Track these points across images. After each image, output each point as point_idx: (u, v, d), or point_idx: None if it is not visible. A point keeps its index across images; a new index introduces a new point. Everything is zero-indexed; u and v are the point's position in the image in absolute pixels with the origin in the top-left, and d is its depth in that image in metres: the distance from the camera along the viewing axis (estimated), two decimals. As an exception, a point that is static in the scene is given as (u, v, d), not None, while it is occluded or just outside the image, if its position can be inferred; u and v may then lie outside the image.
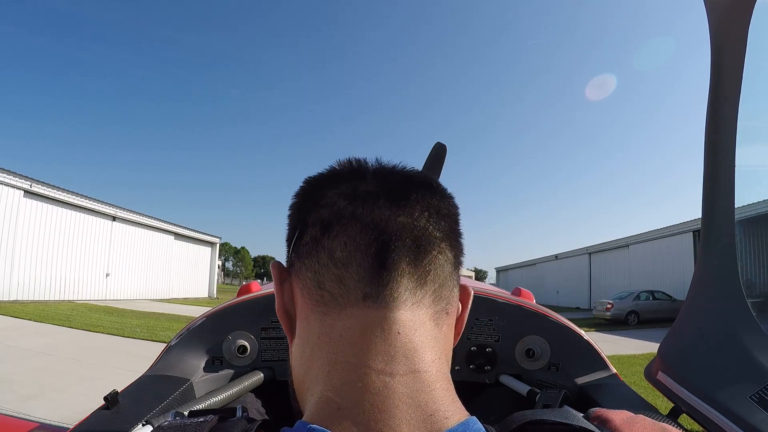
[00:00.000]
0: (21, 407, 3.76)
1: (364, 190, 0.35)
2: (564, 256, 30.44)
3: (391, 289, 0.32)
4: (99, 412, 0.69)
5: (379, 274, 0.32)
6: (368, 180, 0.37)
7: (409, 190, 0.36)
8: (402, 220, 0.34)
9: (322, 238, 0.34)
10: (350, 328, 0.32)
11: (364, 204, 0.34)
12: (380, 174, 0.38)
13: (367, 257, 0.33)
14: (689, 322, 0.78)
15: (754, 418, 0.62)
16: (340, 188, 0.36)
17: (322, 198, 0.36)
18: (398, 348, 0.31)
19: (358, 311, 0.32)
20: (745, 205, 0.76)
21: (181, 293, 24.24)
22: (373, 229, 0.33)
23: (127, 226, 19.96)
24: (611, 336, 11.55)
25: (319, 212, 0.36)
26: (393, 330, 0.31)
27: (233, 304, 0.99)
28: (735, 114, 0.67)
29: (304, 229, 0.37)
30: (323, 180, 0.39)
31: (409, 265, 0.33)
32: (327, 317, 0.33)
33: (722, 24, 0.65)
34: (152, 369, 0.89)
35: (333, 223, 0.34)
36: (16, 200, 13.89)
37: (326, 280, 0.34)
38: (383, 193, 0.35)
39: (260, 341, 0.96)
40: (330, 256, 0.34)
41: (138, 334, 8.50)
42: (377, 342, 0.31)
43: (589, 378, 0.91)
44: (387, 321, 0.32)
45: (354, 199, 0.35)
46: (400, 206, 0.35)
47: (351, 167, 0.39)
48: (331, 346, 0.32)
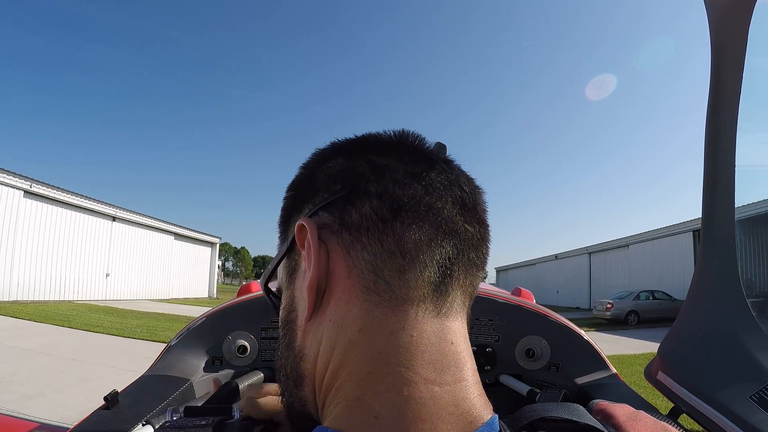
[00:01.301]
0: (21, 407, 3.76)
1: (438, 180, 0.33)
2: (564, 256, 30.43)
3: (450, 299, 0.31)
4: (99, 412, 0.68)
5: (443, 282, 0.31)
6: (438, 168, 0.34)
7: (475, 197, 0.35)
8: (471, 231, 0.33)
9: (394, 221, 0.31)
10: (404, 329, 0.29)
11: (440, 198, 0.32)
12: (449, 165, 0.35)
13: (433, 261, 0.30)
14: (689, 322, 0.78)
15: (754, 418, 0.62)
16: (407, 165, 0.33)
17: (388, 169, 0.33)
18: (450, 358, 0.29)
19: (415, 313, 0.30)
20: (745, 205, 0.76)
21: (181, 293, 24.23)
22: (447, 234, 0.31)
23: (127, 226, 19.95)
24: (611, 336, 11.54)
25: (388, 186, 0.32)
26: (447, 339, 0.30)
27: (233, 304, 0.99)
28: (735, 114, 0.67)
29: (360, 196, 0.32)
30: (386, 145, 0.36)
31: (465, 278, 0.32)
32: (376, 309, 0.30)
33: (722, 24, 0.65)
34: (152, 369, 0.89)
35: (407, 208, 0.31)
36: (16, 200, 13.88)
37: (386, 268, 0.30)
38: (455, 191, 0.33)
39: (260, 341, 0.96)
40: (398, 244, 0.30)
41: (138, 334, 8.50)
42: (432, 350, 0.29)
43: (589, 378, 0.91)
44: (443, 330, 0.30)
45: (429, 186, 0.32)
46: (468, 213, 0.33)
47: (415, 143, 0.36)
48: (376, 344, 0.29)
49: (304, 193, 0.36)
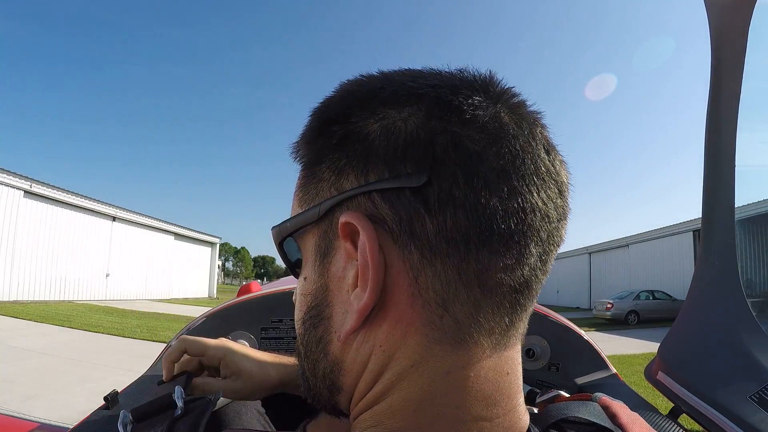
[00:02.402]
0: (21, 407, 3.76)
1: (538, 179, 0.25)
2: (564, 256, 30.41)
3: (516, 328, 0.27)
4: (99, 412, 0.68)
5: (516, 312, 0.26)
6: (539, 152, 0.26)
7: (566, 188, 0.28)
8: (556, 246, 0.27)
9: (480, 249, 0.24)
10: (462, 368, 0.25)
11: (538, 212, 0.25)
12: (548, 142, 0.27)
13: (512, 291, 0.25)
14: (689, 322, 0.78)
15: (754, 418, 0.62)
16: (503, 151, 0.24)
17: (482, 161, 0.24)
18: (504, 390, 0.26)
19: (478, 351, 0.25)
20: (745, 204, 0.76)
21: (181, 293, 24.22)
22: (533, 257, 0.25)
23: (127, 226, 19.94)
24: (611, 336, 11.54)
25: (480, 194, 0.23)
26: (504, 371, 0.27)
27: (233, 304, 0.99)
28: (735, 114, 0.67)
29: (439, 198, 0.24)
30: (477, 109, 0.25)
31: (534, 300, 0.28)
32: (437, 347, 0.25)
33: (722, 24, 0.65)
34: (152, 369, 0.89)
35: (500, 233, 0.24)
36: (16, 200, 13.88)
37: (458, 302, 0.25)
38: (552, 189, 0.26)
39: (260, 341, 0.96)
40: (479, 276, 0.24)
41: (138, 335, 8.49)
42: (487, 387, 0.26)
43: (589, 378, 0.91)
44: (502, 363, 0.26)
45: (529, 195, 0.24)
46: (560, 219, 0.27)
47: (511, 102, 0.27)
48: (429, 382, 0.25)
49: (347, 146, 0.27)
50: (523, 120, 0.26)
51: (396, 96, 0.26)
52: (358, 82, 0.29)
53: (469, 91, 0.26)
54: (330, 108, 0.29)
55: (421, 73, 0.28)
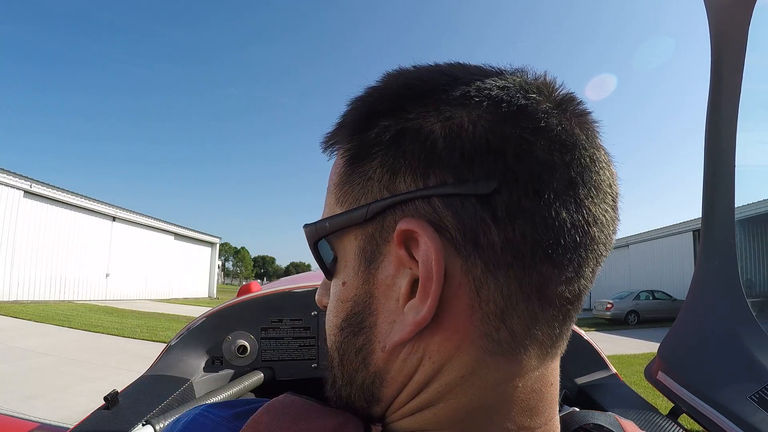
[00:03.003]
0: (21, 407, 3.76)
1: (599, 190, 0.25)
2: (564, 256, 30.39)
3: (566, 336, 0.26)
4: (99, 412, 0.69)
5: (564, 323, 0.26)
6: (599, 160, 0.25)
7: (615, 183, 0.27)
8: (604, 255, 0.26)
9: (544, 262, 0.23)
10: (511, 380, 0.25)
11: (599, 223, 0.24)
12: (601, 150, 0.26)
13: (564, 302, 0.25)
14: (689, 322, 0.78)
15: (754, 418, 0.62)
16: (570, 159, 0.24)
17: (552, 171, 0.23)
18: (547, 400, 0.26)
19: (527, 362, 0.25)
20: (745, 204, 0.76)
21: (181, 293, 24.23)
22: (587, 268, 0.25)
23: (127, 226, 19.94)
24: (611, 336, 11.54)
25: (550, 206, 0.23)
26: (548, 382, 0.26)
27: (233, 304, 0.99)
28: (735, 114, 0.67)
29: (507, 209, 0.23)
30: (545, 116, 0.24)
31: (580, 294, 0.26)
32: (489, 358, 0.24)
33: (722, 24, 0.65)
34: (152, 369, 0.89)
35: (565, 245, 0.23)
36: (16, 200, 13.88)
37: (516, 315, 0.24)
38: (609, 200, 0.25)
39: (260, 341, 0.96)
40: (540, 289, 0.24)
41: (138, 334, 8.50)
42: (532, 397, 0.25)
43: (589, 378, 0.91)
44: (546, 374, 0.26)
45: (591, 206, 0.24)
46: (612, 228, 0.26)
47: (575, 111, 0.26)
48: (477, 394, 0.24)
49: (403, 144, 0.25)
50: (588, 129, 0.26)
51: (465, 95, 0.24)
52: (416, 76, 0.26)
53: (538, 95, 0.25)
54: (383, 100, 0.26)
55: (486, 72, 0.26)
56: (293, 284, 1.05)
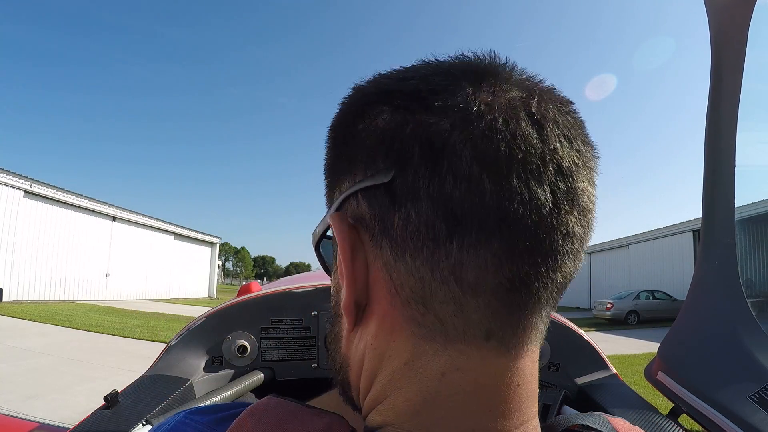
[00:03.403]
0: (21, 407, 3.76)
1: (523, 162, 0.22)
2: (564, 256, 30.38)
3: (522, 333, 0.25)
4: (99, 412, 0.69)
5: (513, 314, 0.24)
6: (526, 131, 0.23)
7: (578, 167, 0.24)
8: (564, 233, 0.23)
9: (449, 241, 0.22)
10: (459, 371, 0.24)
11: (519, 197, 0.22)
12: (542, 116, 0.24)
13: (502, 288, 0.23)
14: (689, 322, 0.78)
15: (754, 418, 0.62)
16: (478, 136, 0.22)
17: (448, 150, 0.22)
18: (515, 402, 0.25)
19: (474, 353, 0.24)
20: (745, 204, 0.76)
21: (181, 293, 24.23)
22: (527, 250, 0.22)
23: (127, 226, 19.95)
24: (611, 336, 11.54)
25: (445, 183, 0.22)
26: (514, 383, 0.25)
27: (233, 304, 0.99)
28: (735, 114, 0.67)
29: (404, 192, 0.23)
30: (449, 94, 0.23)
31: (546, 303, 0.25)
32: (426, 344, 0.24)
33: (722, 24, 0.65)
34: (152, 369, 0.89)
35: (469, 222, 0.22)
36: (16, 200, 13.88)
37: (437, 300, 0.23)
38: (548, 172, 0.23)
39: (260, 341, 0.96)
40: (454, 271, 0.23)
41: (138, 334, 8.50)
42: (493, 396, 0.24)
43: (589, 378, 0.91)
44: (509, 372, 0.24)
45: (505, 180, 0.22)
46: (566, 202, 0.23)
47: (493, 85, 0.24)
48: (426, 383, 0.24)
49: (342, 154, 0.27)
50: (509, 97, 0.23)
51: (375, 94, 0.26)
52: (355, 87, 0.29)
53: (444, 77, 0.24)
54: (335, 116, 0.30)
55: (405, 68, 0.27)
56: (293, 284, 1.05)
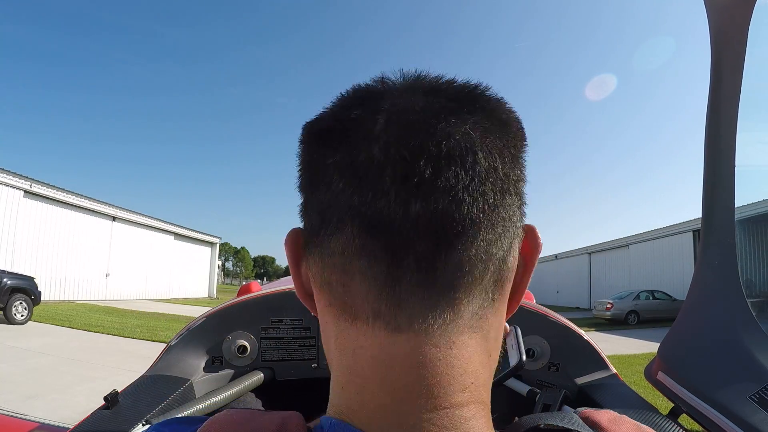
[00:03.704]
0: (21, 407, 3.76)
1: (367, 159, 0.25)
2: (564, 256, 30.42)
3: (414, 312, 0.25)
4: (99, 412, 0.69)
5: (395, 286, 0.24)
6: (378, 133, 0.25)
7: (436, 146, 0.25)
8: (414, 215, 0.24)
9: (320, 232, 0.27)
10: (363, 348, 0.26)
11: (364, 187, 0.25)
12: (395, 111, 0.26)
13: (371, 269, 0.25)
14: (689, 322, 0.78)
15: (754, 418, 0.62)
16: (339, 144, 0.26)
17: (318, 158, 0.27)
18: (419, 386, 0.25)
19: (369, 331, 0.25)
20: (745, 204, 0.76)
21: (181, 293, 24.24)
22: (379, 231, 0.24)
23: (127, 226, 19.96)
24: (611, 336, 11.54)
25: (317, 187, 0.27)
26: (414, 362, 0.25)
27: (233, 304, 0.99)
28: (735, 114, 0.67)
29: (302, 197, 0.29)
30: (332, 108, 0.29)
31: (427, 271, 0.24)
32: (341, 321, 0.27)
33: (722, 24, 0.65)
34: (152, 369, 0.89)
35: (328, 216, 0.26)
36: (16, 200, 13.89)
37: (333, 282, 0.26)
38: (396, 162, 0.24)
39: (260, 341, 0.96)
40: (330, 256, 0.26)
41: (138, 334, 8.50)
42: (389, 376, 0.25)
43: (589, 378, 0.91)
44: (405, 353, 0.25)
45: (353, 175, 0.25)
46: (419, 185, 0.24)
47: (361, 105, 0.27)
48: (346, 358, 0.26)
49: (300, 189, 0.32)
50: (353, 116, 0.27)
51: (301, 132, 0.32)
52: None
53: (333, 118, 0.28)
54: None
55: (323, 109, 0.31)
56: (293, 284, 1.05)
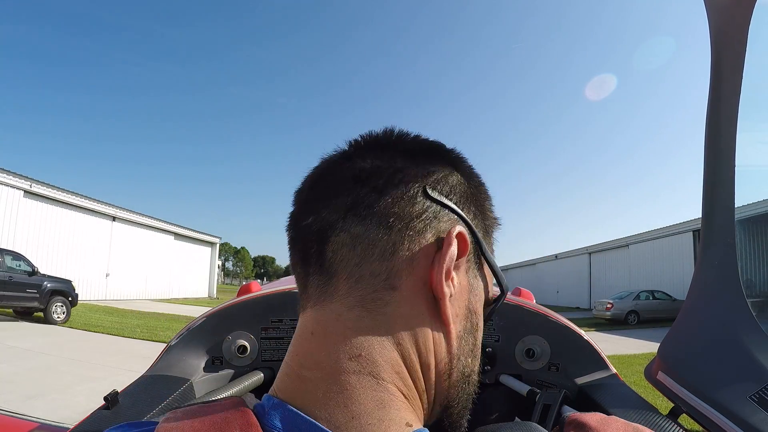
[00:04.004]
0: (21, 407, 3.76)
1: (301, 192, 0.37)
2: (564, 256, 30.42)
3: (306, 291, 0.33)
4: (99, 412, 0.69)
5: (300, 277, 0.34)
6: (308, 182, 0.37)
7: (320, 182, 0.36)
8: (305, 223, 0.34)
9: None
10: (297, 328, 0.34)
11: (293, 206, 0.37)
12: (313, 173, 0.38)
13: (293, 258, 0.35)
14: (689, 322, 0.78)
15: (754, 418, 0.62)
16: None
17: None
18: (312, 352, 0.31)
19: (301, 314, 0.34)
20: (745, 204, 0.76)
21: (181, 293, 24.24)
22: (290, 232, 0.36)
23: (127, 226, 19.95)
24: (611, 336, 11.55)
25: None
26: (308, 330, 0.32)
27: (233, 304, 0.99)
28: (735, 114, 0.67)
29: None
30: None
31: (305, 262, 0.33)
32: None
33: (722, 24, 0.65)
34: (152, 369, 0.89)
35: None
36: (16, 200, 13.89)
37: None
38: (301, 192, 0.37)
39: (260, 341, 0.96)
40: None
41: (138, 334, 8.50)
42: (298, 344, 0.32)
43: (589, 378, 0.91)
44: (303, 322, 0.33)
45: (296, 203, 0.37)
46: (306, 204, 0.35)
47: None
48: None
49: None
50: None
51: None
52: None
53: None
54: None
55: None
56: (293, 284, 1.05)
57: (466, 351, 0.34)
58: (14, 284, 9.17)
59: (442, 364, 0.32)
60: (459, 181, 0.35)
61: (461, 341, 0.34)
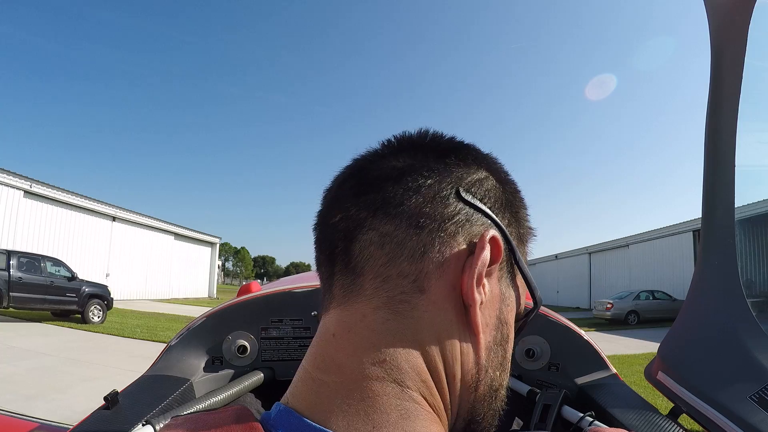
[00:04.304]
0: (21, 407, 3.76)
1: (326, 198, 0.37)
2: (564, 256, 30.42)
3: (330, 291, 0.32)
4: (99, 412, 0.69)
5: (324, 277, 0.33)
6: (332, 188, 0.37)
7: (332, 195, 0.35)
8: (322, 234, 0.34)
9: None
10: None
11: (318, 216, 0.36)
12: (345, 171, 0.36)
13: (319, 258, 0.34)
14: (689, 322, 0.78)
15: (754, 418, 0.62)
16: None
17: None
18: (330, 353, 0.29)
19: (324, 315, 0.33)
20: (745, 204, 0.76)
21: (181, 293, 24.24)
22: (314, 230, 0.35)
23: (127, 226, 19.96)
24: (611, 336, 11.55)
25: None
26: (329, 332, 0.31)
27: (233, 304, 0.99)
28: (735, 114, 0.67)
29: None
30: None
31: (330, 261, 0.33)
32: None
33: (722, 24, 0.65)
34: (152, 369, 0.89)
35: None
36: (16, 200, 13.89)
37: None
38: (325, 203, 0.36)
39: (260, 341, 0.96)
40: None
41: (138, 334, 8.51)
42: (317, 347, 0.31)
43: (589, 378, 0.91)
44: (325, 324, 0.32)
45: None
46: (325, 216, 0.34)
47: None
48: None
49: None
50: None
51: None
52: None
53: None
54: None
55: None
56: (293, 284, 1.05)
57: (495, 363, 0.33)
58: (55, 288, 9.89)
59: (468, 376, 0.31)
60: (494, 185, 0.34)
61: (490, 352, 0.32)
